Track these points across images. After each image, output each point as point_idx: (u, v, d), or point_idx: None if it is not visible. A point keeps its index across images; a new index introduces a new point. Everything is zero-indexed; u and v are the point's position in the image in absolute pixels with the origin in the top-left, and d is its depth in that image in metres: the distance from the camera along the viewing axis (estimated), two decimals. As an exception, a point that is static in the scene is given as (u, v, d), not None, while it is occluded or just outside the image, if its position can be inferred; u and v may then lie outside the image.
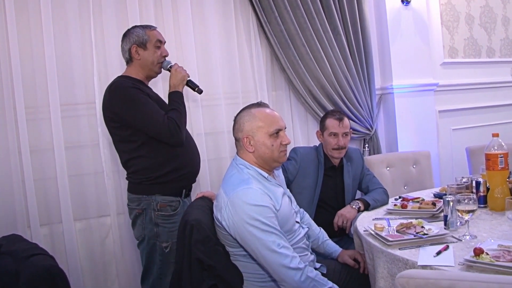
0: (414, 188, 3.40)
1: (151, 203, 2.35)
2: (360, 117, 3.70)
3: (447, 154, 4.27)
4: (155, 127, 2.26)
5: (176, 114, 2.30)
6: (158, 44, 2.43)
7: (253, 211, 1.82)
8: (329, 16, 3.55)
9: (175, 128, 2.27)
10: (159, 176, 2.35)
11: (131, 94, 2.27)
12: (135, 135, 2.31)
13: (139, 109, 2.26)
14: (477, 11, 4.49)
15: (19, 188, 2.81)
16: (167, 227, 2.36)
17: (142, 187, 2.38)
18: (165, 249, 2.36)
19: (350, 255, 2.30)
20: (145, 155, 2.34)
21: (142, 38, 2.40)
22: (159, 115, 2.27)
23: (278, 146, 2.01)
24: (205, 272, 1.84)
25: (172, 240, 2.34)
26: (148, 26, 2.48)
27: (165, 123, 2.25)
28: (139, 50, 2.40)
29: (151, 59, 2.42)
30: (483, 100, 4.47)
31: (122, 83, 2.34)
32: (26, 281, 1.43)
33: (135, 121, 2.28)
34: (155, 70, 2.46)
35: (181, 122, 2.31)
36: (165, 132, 2.26)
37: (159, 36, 2.46)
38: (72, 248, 2.91)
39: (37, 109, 2.88)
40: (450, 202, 2.05)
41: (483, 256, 1.61)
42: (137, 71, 2.44)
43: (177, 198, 2.41)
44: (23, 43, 2.83)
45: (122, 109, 2.28)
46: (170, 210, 2.38)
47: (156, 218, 2.35)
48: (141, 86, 2.37)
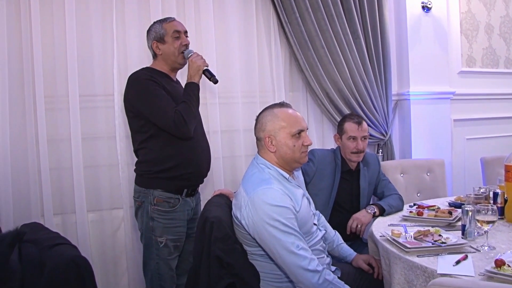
0: (427, 195, 3.40)
1: (148, 197, 2.38)
2: (376, 122, 3.69)
3: (460, 163, 4.25)
4: (162, 119, 2.28)
5: (184, 107, 2.30)
6: (176, 35, 2.43)
7: (274, 211, 1.82)
8: (350, 19, 3.54)
9: (180, 120, 2.26)
10: (159, 171, 2.37)
11: (144, 85, 2.31)
12: (146, 126, 2.35)
13: (150, 100, 2.29)
14: (497, 21, 4.46)
15: (35, 176, 2.83)
16: (162, 222, 2.37)
17: (143, 180, 2.42)
18: (160, 243, 2.37)
19: (365, 260, 2.30)
20: (151, 147, 2.38)
21: (159, 33, 2.43)
22: (168, 108, 2.28)
23: (299, 147, 2.00)
24: (223, 270, 1.84)
25: (168, 236, 2.38)
26: (166, 19, 2.49)
27: (171, 115, 2.26)
28: (159, 45, 2.44)
29: (172, 51, 2.43)
30: (498, 111, 4.45)
31: (139, 74, 2.38)
32: (51, 270, 1.43)
33: (145, 111, 2.32)
34: (178, 61, 2.47)
35: (187, 115, 2.29)
36: (170, 124, 2.27)
37: (177, 26, 2.46)
38: (84, 239, 2.91)
39: (56, 98, 2.89)
40: (469, 211, 2.04)
41: (504, 268, 1.60)
42: (161, 65, 2.47)
43: (176, 195, 2.40)
44: (45, 33, 2.85)
45: (135, 100, 2.34)
46: (167, 206, 2.38)
47: (152, 212, 2.37)
48: (159, 79, 2.38)
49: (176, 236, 2.42)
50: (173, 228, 2.40)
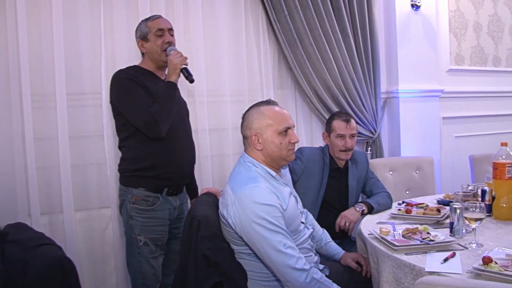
0: (416, 193, 3.40)
1: (128, 195, 2.39)
2: (364, 119, 3.70)
3: (449, 161, 4.28)
4: (134, 119, 2.30)
5: (157, 107, 2.27)
6: (159, 33, 2.41)
7: (260, 210, 1.81)
8: (339, 17, 3.54)
9: (152, 121, 2.24)
10: (136, 170, 2.38)
11: (122, 84, 2.33)
12: (126, 125, 2.36)
13: (126, 99, 2.31)
14: (485, 19, 4.49)
15: (21, 175, 2.78)
16: (140, 221, 2.37)
17: (123, 178, 2.45)
18: (139, 242, 2.37)
19: (353, 258, 2.30)
20: (130, 145, 2.40)
21: (143, 31, 2.43)
22: (142, 107, 2.26)
23: (286, 145, 2.00)
24: (210, 269, 1.83)
25: (147, 235, 2.37)
26: (151, 17, 2.49)
27: (142, 116, 2.25)
28: (143, 43, 2.45)
29: (154, 49, 2.42)
30: (487, 109, 4.48)
31: (119, 73, 2.40)
32: (35, 271, 1.41)
33: (122, 110, 2.34)
34: (161, 59, 2.44)
35: (160, 116, 2.26)
36: (141, 124, 2.27)
37: (161, 24, 2.44)
38: (71, 239, 2.88)
39: (43, 97, 2.85)
40: (458, 209, 2.04)
41: (492, 265, 1.60)
42: (147, 63, 2.48)
43: (156, 194, 2.39)
44: (32, 30, 2.80)
45: (115, 98, 2.37)
46: (146, 205, 2.37)
47: (131, 210, 2.38)
48: (142, 77, 2.37)
49: (156, 235, 2.40)
50: (152, 227, 2.39)
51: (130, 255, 2.44)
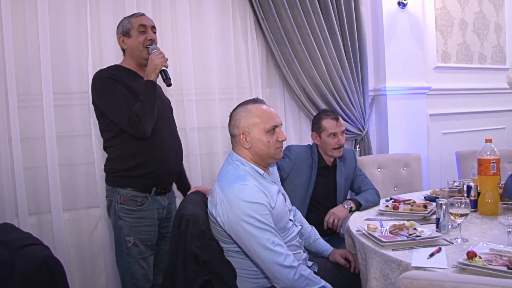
0: (404, 190, 3.43)
1: (115, 195, 2.36)
2: (353, 117, 3.72)
3: (436, 157, 4.32)
4: (117, 118, 2.27)
5: (139, 106, 2.24)
6: (141, 29, 2.40)
7: (249, 208, 1.82)
8: (326, 15, 3.55)
9: (135, 120, 2.21)
10: (123, 170, 2.35)
11: (103, 84, 2.31)
12: (111, 125, 2.34)
13: (108, 99, 2.29)
14: (471, 17, 4.54)
15: (8, 176, 2.76)
16: (128, 221, 2.34)
17: (110, 178, 2.42)
18: (128, 242, 2.34)
19: (341, 254, 2.31)
20: (116, 145, 2.37)
21: (125, 27, 2.42)
22: (125, 107, 2.24)
23: (274, 143, 2.01)
24: (199, 267, 1.83)
25: (136, 236, 2.35)
26: (134, 14, 2.47)
27: (125, 115, 2.22)
28: (125, 39, 2.43)
29: (135, 45, 2.40)
30: (473, 106, 4.54)
31: (100, 73, 2.37)
32: (22, 271, 1.40)
33: (105, 110, 2.32)
34: (142, 56, 2.41)
35: (142, 114, 2.22)
36: (125, 123, 2.24)
37: (143, 21, 2.42)
38: (60, 239, 2.87)
39: (30, 96, 2.83)
40: (443, 205, 2.07)
41: (476, 260, 1.63)
42: (128, 61, 2.46)
43: (144, 194, 2.36)
44: (17, 29, 2.78)
45: (96, 98, 2.34)
46: (134, 205, 2.34)
47: (119, 211, 2.35)
48: (123, 76, 2.35)
49: (146, 236, 2.38)
50: (141, 227, 2.36)
51: (119, 255, 2.42)
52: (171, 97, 3.14)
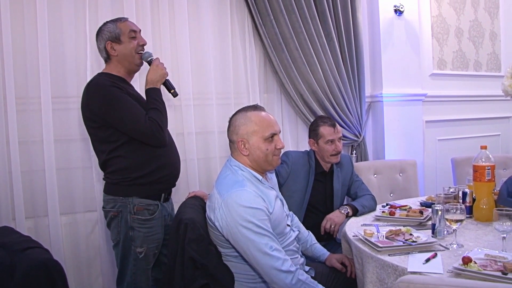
0: (399, 195, 3.46)
1: (127, 206, 2.25)
2: (349, 123, 3.74)
3: (432, 163, 4.34)
4: (137, 128, 2.17)
5: (157, 114, 2.21)
6: (132, 34, 2.32)
7: (247, 213, 1.84)
8: (323, 21, 3.58)
9: (157, 129, 2.18)
10: (138, 177, 2.25)
11: (110, 93, 2.18)
12: (115, 135, 2.21)
13: (119, 109, 2.16)
14: (466, 25, 4.58)
15: (6, 179, 2.77)
16: (142, 232, 2.27)
17: (120, 188, 2.28)
18: (139, 254, 2.27)
19: (338, 259, 2.33)
20: (124, 155, 2.24)
21: (114, 33, 2.30)
22: (141, 116, 2.18)
23: (272, 150, 2.02)
24: (197, 271, 1.84)
25: (148, 245, 2.28)
26: (119, 19, 2.37)
27: (147, 124, 2.16)
28: (114, 45, 2.30)
29: (128, 51, 2.31)
30: (468, 113, 4.57)
31: (100, 81, 2.24)
32: (22, 274, 1.41)
33: (115, 121, 2.18)
34: (135, 62, 2.35)
35: (162, 122, 2.22)
36: (147, 133, 2.17)
37: (132, 26, 2.35)
38: (57, 242, 2.87)
39: (28, 100, 2.84)
40: (439, 211, 2.09)
41: (471, 265, 1.65)
42: (117, 68, 2.34)
43: (155, 202, 2.31)
44: (16, 33, 2.79)
45: (101, 109, 2.18)
46: (148, 214, 2.27)
47: (132, 222, 2.25)
48: (121, 84, 2.27)
49: (155, 244, 2.32)
50: (152, 236, 2.30)
51: (125, 267, 2.31)
52: (169, 101, 3.15)
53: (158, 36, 3.16)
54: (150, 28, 3.09)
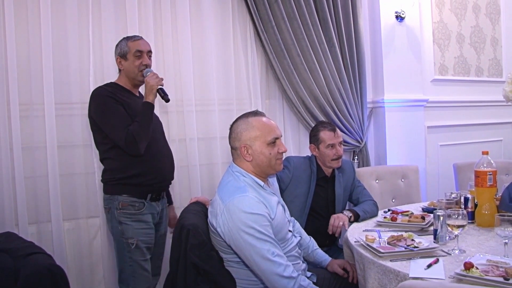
0: (401, 201, 3.46)
1: (114, 202, 2.45)
2: (351, 129, 3.75)
3: (434, 169, 4.34)
4: (114, 136, 2.38)
5: (136, 127, 2.36)
6: (137, 54, 2.51)
7: (249, 219, 1.84)
8: (325, 28, 3.59)
9: (131, 140, 2.33)
10: (122, 178, 2.45)
11: (103, 102, 2.42)
12: (107, 138, 2.44)
13: (106, 117, 2.40)
14: (467, 30, 4.59)
15: (9, 185, 2.78)
16: (130, 225, 2.44)
17: (108, 187, 2.51)
18: (131, 245, 2.43)
19: (340, 264, 2.33)
20: (113, 157, 2.47)
21: (123, 50, 2.53)
22: (121, 126, 2.36)
23: (275, 154, 2.03)
24: (199, 277, 1.85)
25: (138, 237, 2.44)
26: (132, 37, 2.57)
27: (122, 134, 2.34)
28: (122, 61, 2.54)
29: (131, 69, 2.52)
30: (470, 118, 4.57)
31: (100, 90, 2.48)
32: (25, 279, 1.42)
33: (103, 127, 2.43)
34: (137, 78, 2.55)
35: (138, 135, 2.35)
36: (121, 142, 2.35)
37: (140, 46, 2.53)
38: (60, 248, 2.88)
39: (31, 106, 2.86)
40: (441, 216, 2.09)
41: (473, 270, 1.64)
42: (125, 80, 2.58)
43: (140, 199, 2.47)
44: (20, 40, 2.82)
45: (95, 115, 2.45)
46: (133, 210, 2.45)
47: (119, 216, 2.44)
48: (120, 95, 2.47)
49: (146, 238, 2.48)
50: (141, 229, 2.46)
51: (122, 261, 2.49)
52: (171, 107, 3.18)
53: (160, 42, 3.18)
54: (152, 35, 3.10)
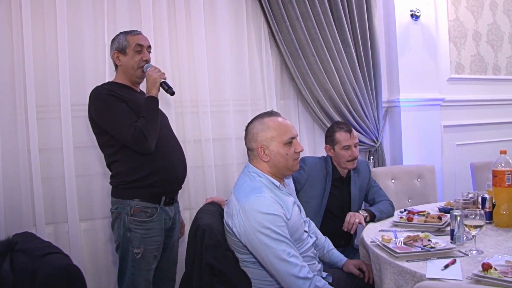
0: (418, 201, 3.42)
1: (125, 207, 2.33)
2: (366, 129, 3.73)
3: (450, 169, 4.29)
4: (121, 135, 2.26)
5: (143, 122, 2.25)
6: (138, 48, 2.40)
7: (265, 219, 1.84)
8: (340, 27, 3.58)
9: (140, 136, 2.22)
10: (133, 181, 2.32)
11: (103, 101, 2.29)
12: (112, 140, 2.31)
13: (108, 116, 2.27)
14: (484, 28, 4.53)
15: (27, 186, 2.83)
16: (139, 233, 2.32)
17: (119, 191, 2.38)
18: (136, 255, 2.32)
19: (355, 265, 2.31)
20: (121, 159, 2.34)
21: (122, 44, 2.40)
22: (127, 123, 2.24)
23: (292, 154, 2.03)
24: (214, 277, 1.85)
25: (145, 246, 2.33)
26: (131, 31, 2.46)
27: (130, 131, 2.22)
28: (119, 56, 2.42)
29: (131, 64, 2.40)
30: (487, 117, 4.51)
31: (99, 89, 2.36)
32: (43, 280, 1.43)
33: (107, 128, 2.29)
34: (136, 75, 2.44)
35: (147, 130, 2.24)
36: (130, 140, 2.23)
37: (140, 40, 2.43)
38: (76, 248, 2.91)
39: (48, 108, 2.91)
40: (458, 216, 2.07)
41: (491, 271, 1.62)
42: (122, 77, 2.45)
43: (153, 204, 2.35)
44: (37, 43, 2.86)
45: (96, 115, 2.31)
46: (145, 216, 2.33)
47: (129, 223, 2.32)
48: (121, 92, 2.35)
49: (153, 246, 2.36)
50: (150, 238, 2.34)
51: (123, 270, 2.38)
52: (186, 108, 3.20)
53: (175, 43, 3.20)
54: (167, 36, 3.13)
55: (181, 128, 3.20)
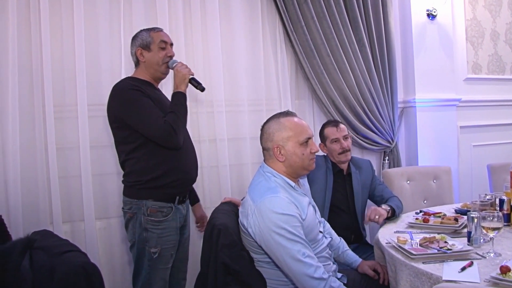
0: (433, 202, 3.39)
1: (141, 208, 2.33)
2: (382, 129, 3.71)
3: (467, 170, 4.25)
4: (151, 130, 2.25)
5: (173, 117, 2.27)
6: (162, 45, 2.42)
7: (280, 219, 1.84)
8: (355, 27, 3.57)
9: (170, 131, 2.23)
10: (149, 180, 2.32)
11: (129, 96, 2.28)
12: (131, 137, 2.31)
13: (136, 110, 2.26)
14: (502, 27, 4.48)
15: (44, 185, 2.86)
16: (156, 233, 2.33)
17: (134, 191, 2.37)
18: (153, 254, 2.33)
19: (370, 266, 2.30)
20: (139, 157, 2.33)
21: (146, 41, 2.42)
22: (156, 118, 2.25)
23: (308, 155, 2.03)
24: (229, 277, 1.86)
25: (162, 246, 2.34)
26: (153, 28, 2.48)
27: (160, 126, 2.23)
28: (143, 52, 2.42)
29: (156, 60, 2.42)
30: (505, 118, 4.45)
31: (123, 84, 2.36)
32: (61, 277, 1.45)
33: (132, 122, 2.28)
34: (160, 70, 2.45)
35: (177, 125, 2.26)
36: (160, 134, 2.24)
37: (164, 37, 2.45)
38: (92, 247, 2.94)
39: (65, 107, 2.94)
40: (475, 218, 2.05)
41: (509, 274, 1.61)
42: (143, 73, 2.45)
43: (169, 204, 2.36)
44: (55, 43, 2.90)
45: (120, 111, 2.30)
46: (161, 216, 2.34)
47: (146, 223, 2.32)
48: (144, 88, 2.34)
49: (170, 245, 2.38)
50: (166, 237, 2.35)
51: (139, 268, 2.38)
52: (201, 108, 3.21)
53: (190, 43, 3.22)
54: (183, 36, 3.15)
55: (196, 128, 3.21)
